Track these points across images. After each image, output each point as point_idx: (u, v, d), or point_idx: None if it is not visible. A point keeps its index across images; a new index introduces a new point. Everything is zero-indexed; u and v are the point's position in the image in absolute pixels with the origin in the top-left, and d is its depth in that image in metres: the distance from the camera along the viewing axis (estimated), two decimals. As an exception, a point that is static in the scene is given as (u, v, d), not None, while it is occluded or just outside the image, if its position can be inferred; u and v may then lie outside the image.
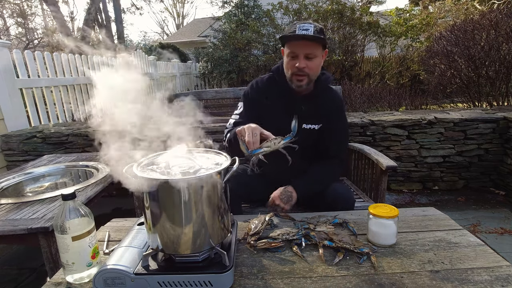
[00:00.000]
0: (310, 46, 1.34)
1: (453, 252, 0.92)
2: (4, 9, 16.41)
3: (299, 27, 1.33)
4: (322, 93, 1.50)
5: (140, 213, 1.89)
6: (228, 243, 0.90)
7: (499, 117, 2.85)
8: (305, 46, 1.34)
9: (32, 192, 1.71)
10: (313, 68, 1.38)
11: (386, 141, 2.96)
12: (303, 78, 1.39)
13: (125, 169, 0.82)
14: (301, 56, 1.36)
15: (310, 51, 1.35)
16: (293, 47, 1.37)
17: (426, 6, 9.31)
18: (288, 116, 1.38)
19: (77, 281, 0.83)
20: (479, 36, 4.20)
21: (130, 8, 34.02)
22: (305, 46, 1.34)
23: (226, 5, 9.58)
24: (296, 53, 1.36)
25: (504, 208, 2.61)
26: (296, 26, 1.34)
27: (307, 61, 1.36)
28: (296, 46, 1.36)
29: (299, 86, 1.41)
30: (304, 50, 1.35)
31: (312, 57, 1.36)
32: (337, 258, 0.90)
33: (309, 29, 1.32)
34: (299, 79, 1.39)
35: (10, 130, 3.06)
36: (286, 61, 1.43)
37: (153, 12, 72.00)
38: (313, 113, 1.48)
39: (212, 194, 0.80)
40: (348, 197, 1.41)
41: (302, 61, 1.35)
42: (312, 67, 1.38)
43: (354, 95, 4.89)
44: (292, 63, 1.38)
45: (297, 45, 1.36)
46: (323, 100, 1.50)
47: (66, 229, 0.79)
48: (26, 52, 3.45)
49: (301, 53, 1.35)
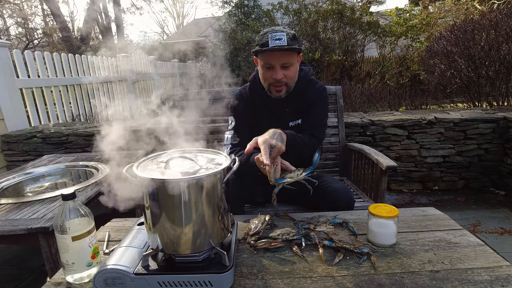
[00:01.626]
0: (285, 55, 1.29)
1: (453, 252, 0.92)
2: (4, 9, 16.41)
3: (272, 37, 1.26)
4: (302, 89, 1.47)
5: (140, 213, 1.89)
6: (228, 243, 0.90)
7: (499, 117, 2.85)
8: (280, 56, 1.29)
9: (32, 192, 1.71)
10: (291, 76, 1.35)
11: (386, 141, 2.96)
12: (282, 88, 1.36)
13: (125, 169, 0.82)
14: (277, 67, 1.31)
15: (285, 60, 1.30)
16: (268, 58, 1.32)
17: (426, 6, 9.31)
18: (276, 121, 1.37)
19: (77, 281, 0.83)
20: (479, 36, 4.20)
21: (130, 8, 34.04)
22: (280, 57, 1.29)
23: (226, 5, 9.58)
24: (272, 64, 1.31)
25: (504, 208, 2.61)
26: (268, 36, 1.27)
27: (284, 70, 1.31)
28: (271, 57, 1.31)
29: (278, 96, 1.38)
30: (280, 61, 1.30)
31: (288, 65, 1.31)
32: (337, 258, 0.90)
33: (282, 38, 1.26)
34: (278, 89, 1.36)
35: (10, 130, 3.06)
36: (262, 72, 1.38)
37: (153, 12, 71.99)
38: (298, 109, 1.46)
39: (212, 194, 0.80)
40: (348, 197, 1.41)
41: (279, 72, 1.31)
42: (289, 75, 1.34)
43: (354, 95, 4.89)
44: (269, 74, 1.34)
45: (272, 56, 1.30)
46: (306, 94, 1.47)
47: (66, 229, 0.79)
48: (26, 52, 3.45)
49: (276, 64, 1.30)
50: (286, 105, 1.45)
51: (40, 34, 16.31)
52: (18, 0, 15.16)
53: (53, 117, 3.70)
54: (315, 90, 1.50)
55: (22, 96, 3.27)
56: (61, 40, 12.67)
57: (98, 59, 4.74)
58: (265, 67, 1.34)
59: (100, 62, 4.79)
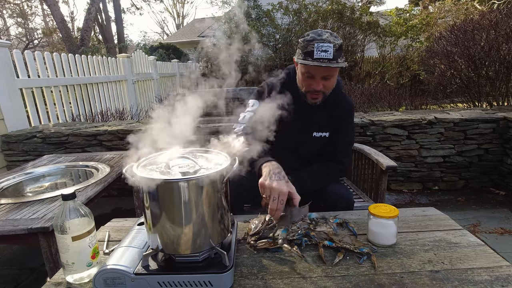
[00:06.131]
0: (329, 69, 1.23)
1: (453, 252, 0.92)
2: (4, 9, 16.40)
3: (317, 48, 1.19)
4: (334, 101, 1.44)
5: (140, 213, 1.89)
6: (228, 243, 0.90)
7: (499, 117, 2.85)
8: (324, 69, 1.23)
9: (32, 192, 1.71)
10: (330, 86, 1.32)
11: (386, 141, 2.96)
12: (318, 96, 1.33)
13: (125, 169, 0.82)
14: (318, 78, 1.26)
15: (328, 73, 1.26)
16: (310, 68, 1.26)
17: (426, 6, 9.31)
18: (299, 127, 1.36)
19: (77, 281, 0.83)
20: (479, 36, 4.20)
21: (130, 8, 34.07)
22: (324, 69, 1.24)
23: (226, 5, 9.57)
24: (313, 74, 1.27)
25: (504, 208, 2.61)
26: (314, 46, 1.20)
27: (324, 81, 1.27)
28: (314, 68, 1.25)
29: (313, 103, 1.36)
30: (322, 73, 1.26)
31: (329, 77, 1.28)
32: (337, 258, 0.90)
33: (328, 51, 1.19)
34: (314, 97, 1.33)
35: (10, 130, 3.06)
36: (301, 77, 1.34)
37: (153, 12, 72.09)
38: (325, 121, 1.43)
39: (212, 194, 0.80)
40: (348, 198, 1.41)
41: (319, 83, 1.27)
42: (328, 86, 1.31)
43: (354, 95, 4.90)
44: (308, 82, 1.30)
45: (315, 68, 1.24)
46: (335, 108, 1.44)
47: (66, 229, 0.79)
48: (26, 52, 3.45)
49: (318, 75, 1.26)
50: (314, 113, 1.42)
51: (40, 34, 16.31)
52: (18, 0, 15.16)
53: (53, 117, 3.70)
54: (346, 106, 1.48)
55: (22, 96, 3.27)
56: (61, 40, 12.67)
57: (98, 59, 4.74)
58: (305, 74, 1.30)
59: (100, 62, 4.79)
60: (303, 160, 1.46)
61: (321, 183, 1.42)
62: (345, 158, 1.50)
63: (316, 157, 1.50)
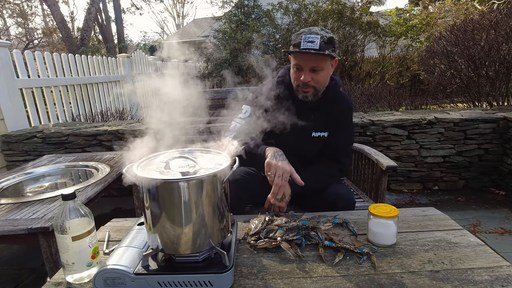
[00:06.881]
0: (316, 59, 1.26)
1: (453, 252, 0.92)
2: (4, 9, 16.40)
3: (305, 38, 1.23)
4: (331, 100, 1.44)
5: (140, 213, 1.89)
6: (228, 243, 0.90)
7: (499, 117, 2.85)
8: (310, 59, 1.26)
9: (32, 192, 1.71)
10: (320, 80, 1.32)
11: (386, 141, 2.96)
12: (309, 90, 1.33)
13: (125, 169, 0.82)
14: (306, 69, 1.28)
15: (315, 64, 1.27)
16: (298, 59, 1.29)
17: (426, 6, 9.32)
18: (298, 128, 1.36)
19: (77, 281, 0.83)
20: (479, 36, 4.20)
21: (130, 8, 34.06)
22: (310, 59, 1.26)
23: (226, 5, 9.58)
24: (301, 66, 1.29)
25: (504, 208, 2.61)
26: (302, 37, 1.24)
27: (312, 73, 1.29)
28: (300, 58, 1.28)
29: (305, 98, 1.36)
30: (309, 64, 1.27)
31: (318, 70, 1.29)
32: (337, 258, 0.90)
33: (315, 41, 1.22)
34: (305, 91, 1.34)
35: (10, 130, 3.06)
36: (292, 72, 1.37)
37: (153, 12, 72.05)
38: (323, 121, 1.44)
39: (212, 194, 0.80)
40: (349, 198, 1.40)
41: (307, 75, 1.28)
42: (318, 79, 1.31)
43: (354, 95, 4.89)
44: (297, 75, 1.32)
45: (302, 58, 1.27)
46: (333, 107, 1.44)
47: (66, 229, 0.79)
48: (26, 52, 3.45)
49: (305, 66, 1.28)
50: (312, 112, 1.42)
51: (40, 34, 16.31)
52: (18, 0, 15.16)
53: (53, 117, 3.70)
54: (345, 105, 1.48)
55: (22, 96, 3.27)
56: (61, 40, 12.67)
57: (98, 59, 4.74)
58: (295, 67, 1.32)
59: (100, 62, 4.79)
60: (303, 160, 1.46)
61: (322, 183, 1.42)
62: (345, 158, 1.50)
63: (316, 157, 1.50)
